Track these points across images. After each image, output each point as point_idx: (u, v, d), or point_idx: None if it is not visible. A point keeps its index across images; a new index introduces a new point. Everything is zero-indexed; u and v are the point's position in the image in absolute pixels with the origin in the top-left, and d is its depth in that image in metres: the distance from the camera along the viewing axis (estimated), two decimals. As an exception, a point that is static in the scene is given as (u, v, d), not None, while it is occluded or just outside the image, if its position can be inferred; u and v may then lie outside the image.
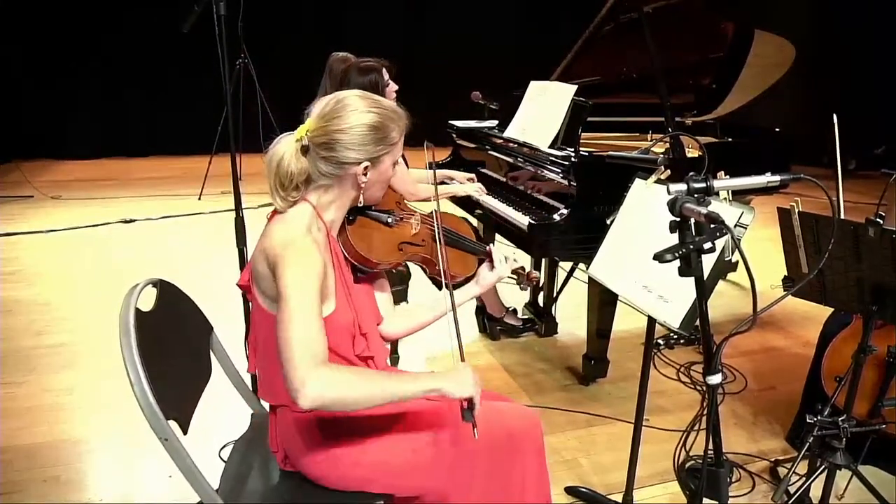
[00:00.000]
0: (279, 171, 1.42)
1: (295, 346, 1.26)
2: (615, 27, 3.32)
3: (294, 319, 1.28)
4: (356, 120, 1.41)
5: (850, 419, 2.08)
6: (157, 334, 1.54)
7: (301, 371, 1.24)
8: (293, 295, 1.30)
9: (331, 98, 1.45)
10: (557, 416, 2.75)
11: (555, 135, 2.95)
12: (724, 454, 2.46)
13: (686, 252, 1.10)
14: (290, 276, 1.32)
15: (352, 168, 1.43)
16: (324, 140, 1.41)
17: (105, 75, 7.56)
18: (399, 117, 1.49)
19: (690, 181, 1.16)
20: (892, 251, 1.82)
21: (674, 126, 2.95)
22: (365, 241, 1.58)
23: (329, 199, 1.48)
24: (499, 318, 3.40)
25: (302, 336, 1.27)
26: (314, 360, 1.26)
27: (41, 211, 5.59)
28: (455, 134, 3.75)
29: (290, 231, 1.39)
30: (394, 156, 1.50)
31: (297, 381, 1.24)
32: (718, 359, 1.28)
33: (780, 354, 3.37)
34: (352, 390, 1.28)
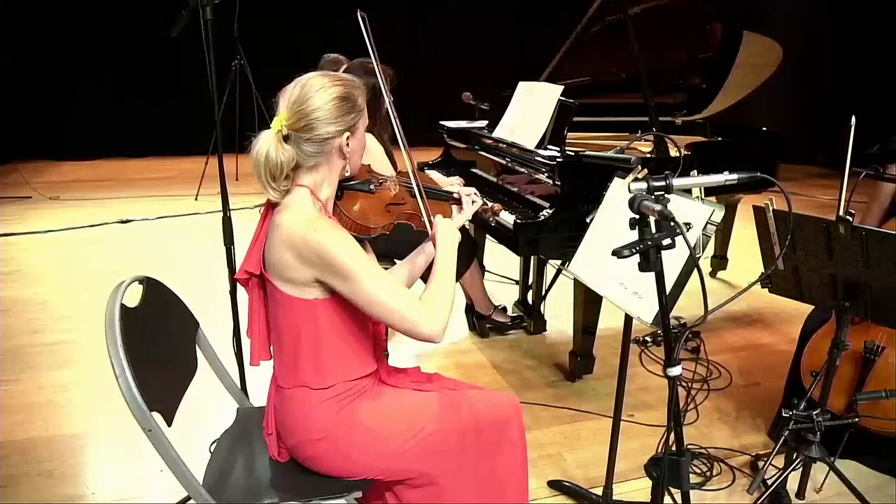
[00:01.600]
0: (268, 165, 1.48)
1: (403, 310, 1.46)
2: (604, 28, 3.36)
3: (380, 290, 1.45)
4: (326, 96, 1.49)
5: (825, 413, 2.12)
6: (142, 329, 1.58)
7: (423, 323, 1.47)
8: (359, 270, 1.44)
9: (293, 86, 1.52)
10: (543, 412, 2.80)
11: (541, 135, 2.99)
12: (706, 448, 2.53)
13: (644, 248, 1.15)
14: (343, 255, 1.44)
15: (335, 141, 1.52)
16: (303, 124, 1.48)
17: (104, 77, 7.61)
18: (357, 85, 1.58)
19: (650, 179, 1.21)
20: (861, 247, 1.87)
21: (658, 126, 2.99)
22: (358, 210, 1.67)
23: (321, 178, 1.56)
24: (487, 315, 3.45)
25: (398, 299, 1.46)
26: (419, 309, 1.48)
27: (39, 211, 5.63)
28: (446, 134, 3.79)
29: (306, 215, 1.48)
30: (364, 121, 1.59)
31: (426, 331, 1.48)
32: (678, 352, 1.32)
33: (767, 351, 3.41)
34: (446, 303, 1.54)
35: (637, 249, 1.15)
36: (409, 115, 4.80)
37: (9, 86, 7.15)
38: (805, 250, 2.04)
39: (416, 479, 1.61)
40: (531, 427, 2.70)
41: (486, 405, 1.71)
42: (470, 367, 3.18)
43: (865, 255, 1.87)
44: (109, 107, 7.77)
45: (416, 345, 3.40)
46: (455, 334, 3.53)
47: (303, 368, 1.55)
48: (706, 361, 3.22)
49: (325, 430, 1.55)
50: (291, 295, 1.50)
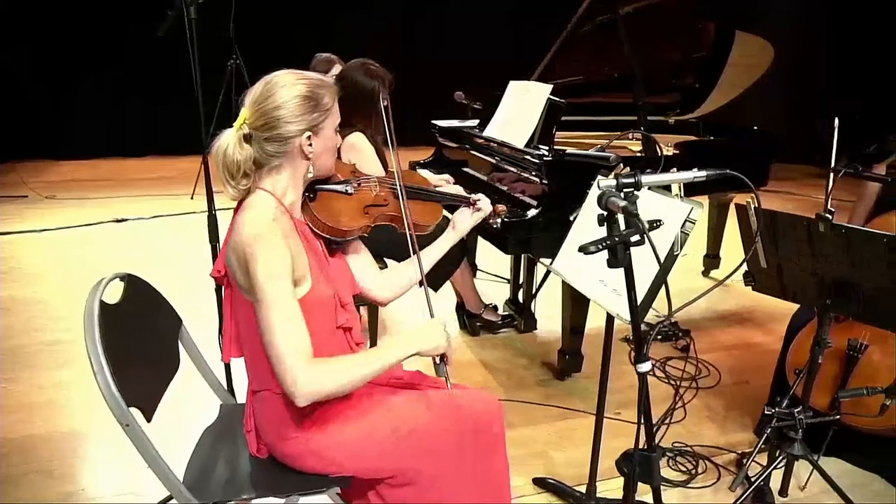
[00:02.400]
0: (225, 162, 1.48)
1: (281, 348, 1.38)
2: (596, 27, 3.37)
3: (275, 321, 1.39)
4: (288, 93, 1.47)
5: (807, 411, 2.13)
6: (122, 326, 1.59)
7: (292, 372, 1.36)
8: (270, 295, 1.39)
9: (258, 84, 1.51)
10: (532, 411, 2.80)
11: (531, 134, 3.00)
12: (692, 446, 2.54)
13: (612, 244, 1.15)
14: (263, 275, 1.39)
15: (296, 140, 1.49)
16: (263, 122, 1.47)
17: (103, 77, 7.61)
18: (326, 84, 1.55)
19: (619, 176, 1.21)
20: (845, 246, 1.87)
21: (646, 125, 2.99)
22: (330, 213, 1.65)
23: (284, 181, 1.53)
24: (478, 314, 3.46)
25: (285, 337, 1.38)
26: (301, 358, 1.38)
27: (35, 211, 5.65)
28: (437, 133, 3.80)
29: (257, 223, 1.44)
30: (333, 122, 1.56)
31: (290, 383, 1.37)
32: (648, 348, 1.32)
33: (758, 350, 3.41)
34: (342, 379, 1.42)
35: (604, 246, 1.16)
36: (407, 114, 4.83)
37: (7, 85, 7.15)
38: (788, 249, 2.04)
39: (395, 477, 1.60)
40: (520, 425, 2.71)
41: (466, 404, 1.70)
42: (460, 366, 3.18)
43: (852, 254, 1.88)
44: (109, 106, 7.78)
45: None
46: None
47: (266, 372, 1.53)
48: (696, 360, 3.23)
49: (297, 430, 1.55)
50: (248, 298, 1.48)
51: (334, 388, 1.41)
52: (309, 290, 1.51)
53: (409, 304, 3.73)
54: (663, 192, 1.84)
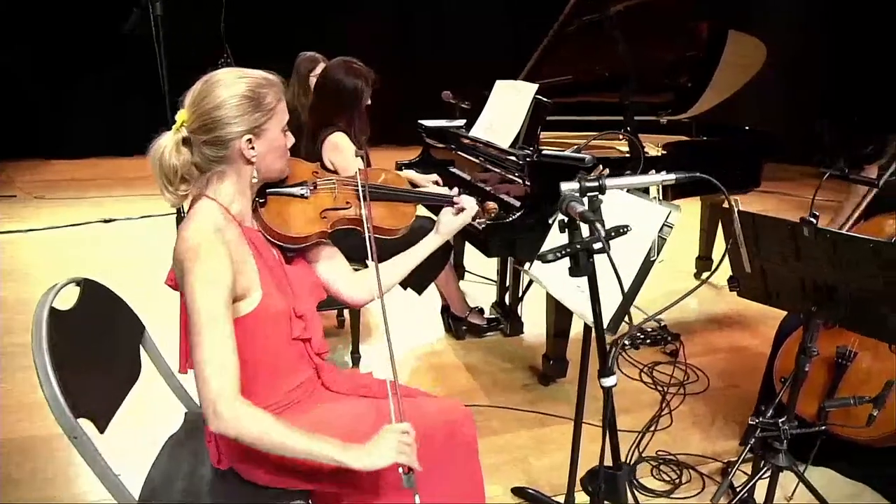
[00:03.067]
0: (162, 167, 1.41)
1: (209, 371, 1.30)
2: (584, 26, 3.30)
3: (205, 342, 1.31)
4: (227, 93, 1.39)
5: (792, 421, 2.06)
6: (74, 333, 1.54)
7: (213, 398, 1.28)
8: (202, 314, 1.32)
9: (199, 82, 1.43)
10: (512, 416, 2.74)
11: (516, 134, 2.94)
12: (676, 455, 2.47)
13: (572, 252, 1.09)
14: (198, 292, 1.32)
15: (235, 143, 1.41)
16: (200, 123, 1.39)
17: (94, 76, 7.57)
18: (271, 83, 1.46)
19: (582, 180, 1.15)
20: (829, 250, 1.81)
21: (633, 125, 2.93)
22: (281, 219, 1.55)
23: (229, 189, 1.46)
24: (462, 317, 3.39)
25: (214, 361, 1.31)
26: (229, 388, 1.29)
27: (23, 210, 5.61)
28: (424, 133, 3.75)
29: (196, 235, 1.37)
30: (278, 122, 1.47)
31: (209, 408, 1.29)
32: (613, 361, 1.26)
33: (748, 353, 3.35)
34: (260, 435, 1.30)
35: (563, 253, 1.09)
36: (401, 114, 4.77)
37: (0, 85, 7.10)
38: (772, 253, 1.98)
39: (361, 489, 1.55)
40: (501, 431, 2.65)
41: (436, 412, 1.65)
42: (443, 369, 3.13)
43: (837, 260, 1.81)
44: (101, 106, 7.73)
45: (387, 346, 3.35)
46: (430, 335, 3.48)
47: None
48: (684, 364, 3.16)
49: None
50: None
51: (250, 437, 1.29)
52: (259, 302, 1.44)
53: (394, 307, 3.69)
54: (641, 195, 1.78)
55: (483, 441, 2.54)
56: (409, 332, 3.50)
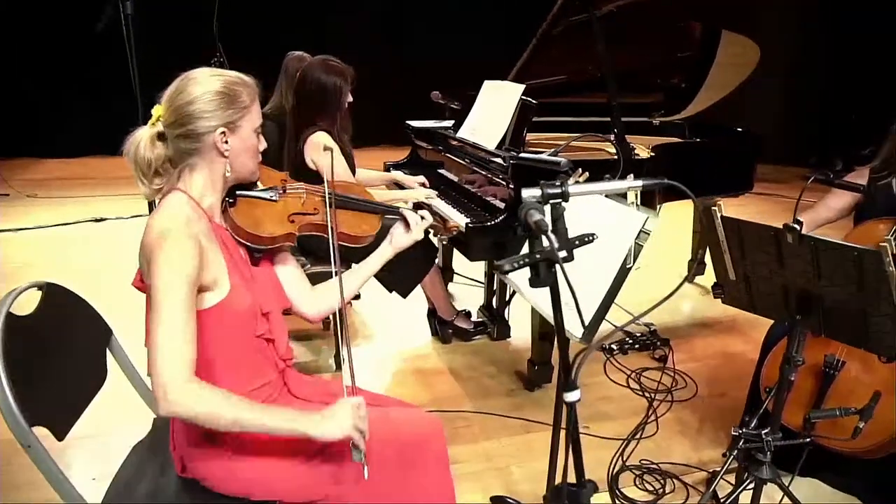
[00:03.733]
0: (137, 160, 1.44)
1: (162, 353, 1.28)
2: (574, 26, 3.26)
3: (163, 325, 1.30)
4: (201, 89, 1.41)
5: (776, 432, 2.01)
6: (32, 339, 1.50)
7: (164, 380, 1.27)
8: (164, 298, 1.31)
9: (176, 80, 1.45)
10: (495, 422, 2.70)
11: (502, 135, 2.90)
12: (659, 464, 2.43)
13: (531, 262, 1.05)
14: (162, 276, 1.32)
15: (209, 137, 1.42)
16: (175, 118, 1.41)
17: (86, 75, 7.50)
18: (246, 83, 1.49)
19: (545, 186, 1.11)
20: (812, 257, 1.76)
21: (620, 126, 2.88)
22: (251, 219, 1.56)
23: (201, 182, 1.46)
24: (449, 321, 3.35)
25: (169, 343, 1.29)
26: (181, 371, 1.29)
27: (15, 209, 5.56)
28: (412, 134, 3.70)
29: (166, 223, 1.37)
30: (252, 121, 1.48)
31: (160, 390, 1.27)
32: (577, 374, 1.22)
33: (738, 360, 3.29)
34: (213, 412, 1.29)
35: (521, 264, 1.05)
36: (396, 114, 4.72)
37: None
38: (755, 260, 1.93)
39: (324, 499, 1.52)
40: (483, 438, 2.61)
41: (405, 423, 1.62)
42: (427, 373, 3.08)
43: (817, 266, 1.77)
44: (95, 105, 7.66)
45: (373, 349, 3.32)
46: (416, 339, 3.44)
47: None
48: (672, 371, 3.12)
49: (213, 452, 1.47)
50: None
51: (204, 415, 1.28)
52: (225, 295, 1.43)
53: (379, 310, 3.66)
54: (619, 200, 1.74)
55: (465, 447, 2.54)
56: (394, 336, 3.46)
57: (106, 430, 2.37)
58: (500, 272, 1.08)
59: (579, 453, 1.29)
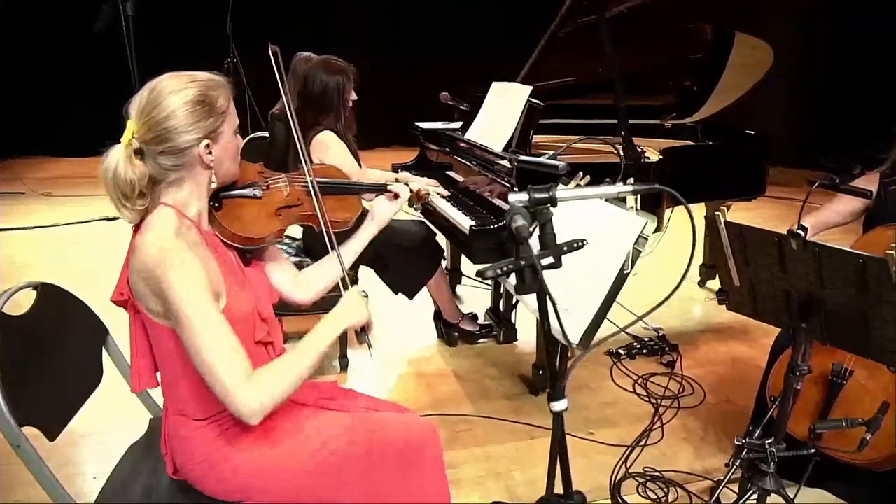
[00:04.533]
0: (117, 183, 1.34)
1: (218, 370, 1.29)
2: (582, 27, 3.23)
3: (203, 342, 1.29)
4: (178, 100, 1.34)
5: (780, 443, 1.97)
6: (26, 339, 1.51)
7: (235, 393, 1.28)
8: (191, 315, 1.29)
9: (142, 92, 1.38)
10: (497, 427, 2.67)
11: (509, 137, 2.88)
12: (663, 472, 2.39)
13: (515, 268, 1.03)
14: (179, 295, 1.29)
15: (193, 150, 1.38)
16: (153, 134, 1.34)
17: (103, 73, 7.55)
18: (219, 84, 1.43)
19: (533, 191, 1.08)
20: (815, 264, 1.72)
21: (627, 129, 2.84)
22: (239, 221, 1.54)
23: (185, 194, 1.42)
24: (454, 323, 3.33)
25: (220, 357, 1.29)
26: (241, 376, 1.29)
27: (29, 207, 5.62)
28: (420, 135, 3.69)
29: (160, 242, 1.33)
30: (231, 123, 1.45)
31: (238, 404, 1.29)
32: (564, 384, 1.19)
33: (746, 366, 3.24)
34: (285, 383, 1.35)
35: (504, 270, 1.03)
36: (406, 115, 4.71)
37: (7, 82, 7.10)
38: (760, 266, 1.89)
39: (318, 500, 1.50)
40: (485, 442, 2.59)
41: (399, 428, 1.59)
42: (431, 376, 3.07)
43: (819, 272, 1.73)
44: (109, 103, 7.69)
45: (378, 350, 3.30)
46: (422, 341, 3.42)
47: (180, 398, 1.45)
48: (680, 376, 3.07)
49: (205, 455, 1.45)
50: (157, 322, 1.38)
51: (281, 393, 1.33)
52: (226, 304, 1.41)
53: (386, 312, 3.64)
54: (619, 205, 1.71)
55: (466, 452, 2.52)
56: (399, 338, 3.44)
57: (107, 428, 2.38)
58: (482, 279, 1.06)
59: (566, 462, 1.26)
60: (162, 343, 1.41)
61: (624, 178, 2.25)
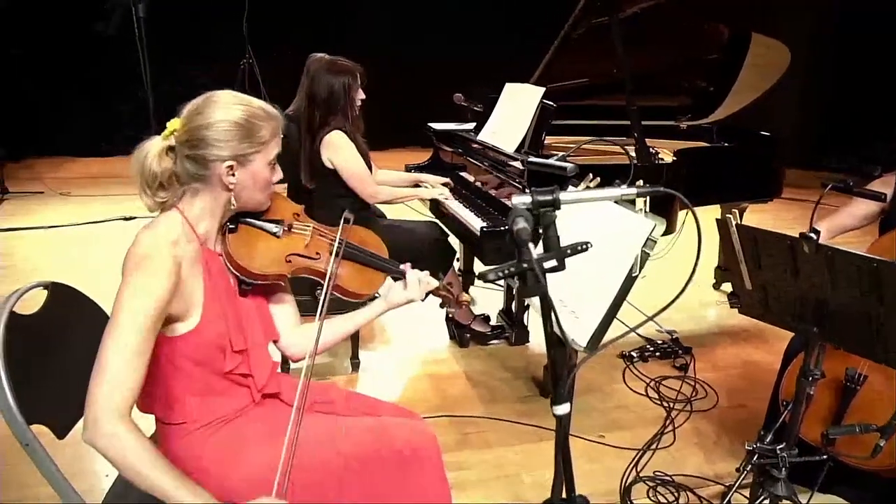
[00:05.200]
0: (143, 171, 1.39)
1: (107, 378, 1.24)
2: (595, 28, 3.21)
3: (115, 347, 1.26)
4: (221, 115, 1.37)
5: (792, 448, 1.95)
6: (35, 338, 1.52)
7: (98, 412, 1.23)
8: (124, 320, 1.27)
9: (200, 97, 1.41)
10: (507, 429, 2.66)
11: (521, 138, 2.87)
12: (673, 476, 2.37)
13: (517, 271, 1.02)
14: (128, 299, 1.28)
15: (216, 167, 1.38)
16: (187, 137, 1.37)
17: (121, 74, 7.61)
18: (270, 117, 1.43)
19: (535, 193, 1.08)
20: (828, 268, 1.70)
21: (639, 130, 2.82)
22: (246, 250, 1.50)
23: (200, 208, 1.42)
24: (466, 324, 3.32)
25: (116, 370, 1.25)
26: (118, 405, 1.24)
27: (47, 207, 5.68)
28: (434, 136, 3.69)
29: (149, 245, 1.34)
30: (266, 156, 1.43)
31: (90, 417, 1.23)
32: (568, 388, 1.18)
33: (761, 370, 3.20)
34: (127, 463, 1.24)
35: (505, 273, 1.02)
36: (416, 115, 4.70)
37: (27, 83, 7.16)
38: (772, 270, 1.87)
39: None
40: (495, 444, 2.58)
41: (400, 432, 1.57)
42: (441, 378, 3.06)
43: (832, 277, 1.70)
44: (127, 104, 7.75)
45: (390, 351, 3.31)
46: (434, 342, 3.42)
47: (153, 401, 1.45)
48: (693, 380, 3.05)
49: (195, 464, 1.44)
50: None
51: (118, 462, 1.25)
52: (195, 326, 1.39)
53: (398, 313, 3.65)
54: (628, 207, 1.70)
55: (475, 454, 2.51)
56: (411, 339, 3.44)
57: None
58: (484, 281, 1.05)
59: (570, 466, 1.25)
60: None
61: (634, 179, 2.24)
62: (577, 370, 1.23)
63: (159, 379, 1.41)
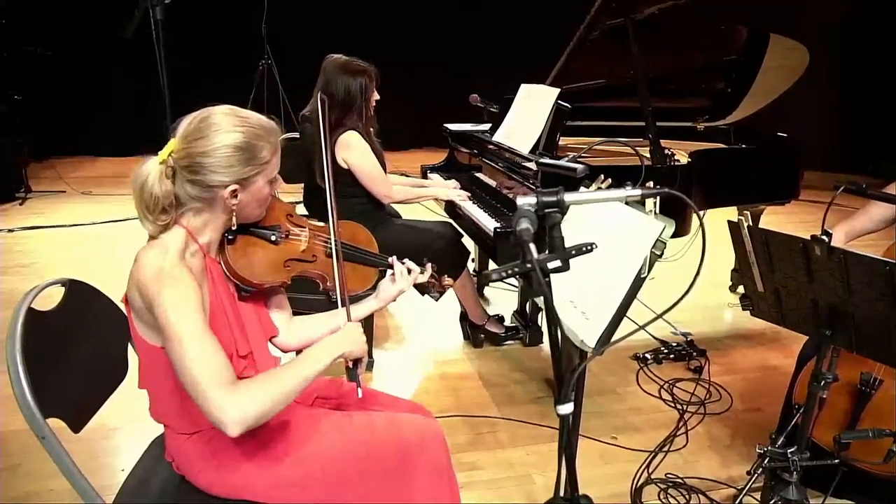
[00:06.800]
0: (143, 195, 1.36)
1: (200, 381, 1.26)
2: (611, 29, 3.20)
3: (189, 354, 1.27)
4: (220, 141, 1.35)
5: (804, 452, 1.93)
6: (53, 334, 1.55)
7: (216, 403, 1.24)
8: (179, 329, 1.28)
9: (196, 116, 1.39)
10: (520, 430, 2.67)
11: (536, 139, 2.88)
12: (684, 479, 2.36)
13: (521, 271, 1.03)
14: (170, 312, 1.29)
15: (220, 191, 1.38)
16: (188, 163, 1.35)
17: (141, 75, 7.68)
18: (269, 133, 1.42)
19: (541, 194, 1.09)
20: (841, 271, 1.69)
21: (655, 131, 2.82)
22: (246, 260, 1.52)
23: (202, 222, 1.43)
24: (480, 325, 3.33)
25: (202, 368, 1.27)
26: (222, 386, 1.26)
27: (69, 206, 5.77)
28: (449, 137, 3.70)
29: (159, 262, 1.33)
30: (268, 175, 1.44)
31: (217, 414, 1.24)
32: (570, 387, 1.19)
33: (776, 373, 3.18)
34: (269, 398, 1.28)
35: (508, 274, 1.03)
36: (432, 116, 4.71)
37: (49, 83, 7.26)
38: (784, 272, 1.86)
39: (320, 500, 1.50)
40: (507, 445, 2.58)
41: (407, 428, 1.58)
42: (455, 378, 3.07)
43: (846, 280, 1.69)
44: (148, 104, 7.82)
45: (404, 352, 3.32)
46: (448, 343, 3.43)
47: (165, 411, 1.48)
48: (707, 382, 3.03)
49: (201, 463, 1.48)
50: (143, 337, 1.40)
51: (264, 407, 1.27)
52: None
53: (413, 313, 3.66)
54: (638, 208, 1.69)
55: (488, 454, 2.52)
56: (425, 339, 3.46)
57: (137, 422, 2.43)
58: (486, 281, 1.06)
59: (573, 466, 1.26)
60: (143, 355, 1.44)
61: (645, 181, 2.24)
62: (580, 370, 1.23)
63: (171, 390, 1.42)
